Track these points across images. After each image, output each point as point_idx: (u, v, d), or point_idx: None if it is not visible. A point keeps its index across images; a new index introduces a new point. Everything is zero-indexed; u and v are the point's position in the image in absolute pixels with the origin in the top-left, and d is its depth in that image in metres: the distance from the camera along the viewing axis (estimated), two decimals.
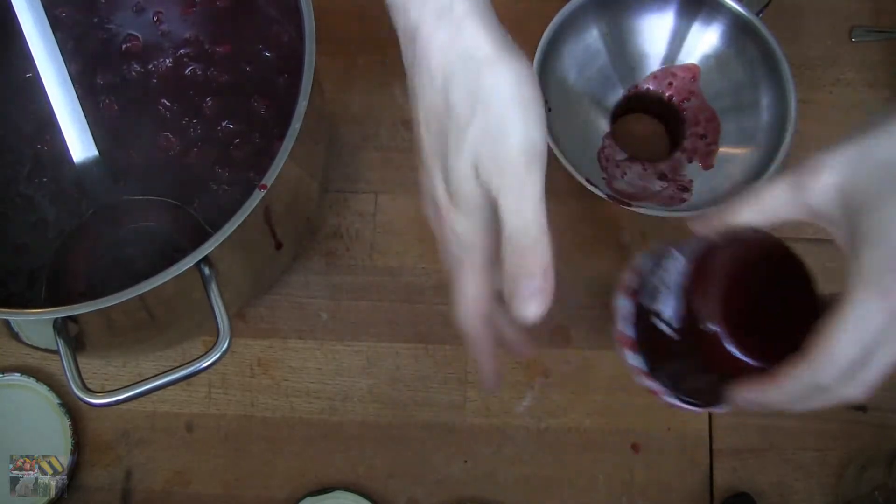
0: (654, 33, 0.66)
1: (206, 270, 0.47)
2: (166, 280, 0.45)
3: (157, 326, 0.55)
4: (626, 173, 0.64)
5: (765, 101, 0.64)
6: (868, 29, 0.70)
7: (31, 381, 0.61)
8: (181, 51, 0.61)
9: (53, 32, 0.54)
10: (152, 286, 0.45)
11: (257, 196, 0.47)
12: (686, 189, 0.63)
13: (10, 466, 0.60)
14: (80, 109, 0.55)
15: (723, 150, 0.64)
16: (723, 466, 0.62)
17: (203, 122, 0.60)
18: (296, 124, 0.49)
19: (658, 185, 0.64)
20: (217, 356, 0.46)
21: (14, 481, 0.60)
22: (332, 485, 0.61)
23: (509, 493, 0.61)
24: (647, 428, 0.62)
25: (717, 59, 0.66)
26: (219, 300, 0.47)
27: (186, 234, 0.58)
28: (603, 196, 0.60)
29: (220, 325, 0.47)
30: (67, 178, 0.59)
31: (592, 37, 0.66)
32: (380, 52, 0.70)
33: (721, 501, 0.61)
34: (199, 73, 0.61)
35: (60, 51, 0.54)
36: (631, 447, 0.62)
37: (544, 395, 0.63)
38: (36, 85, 0.55)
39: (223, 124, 0.60)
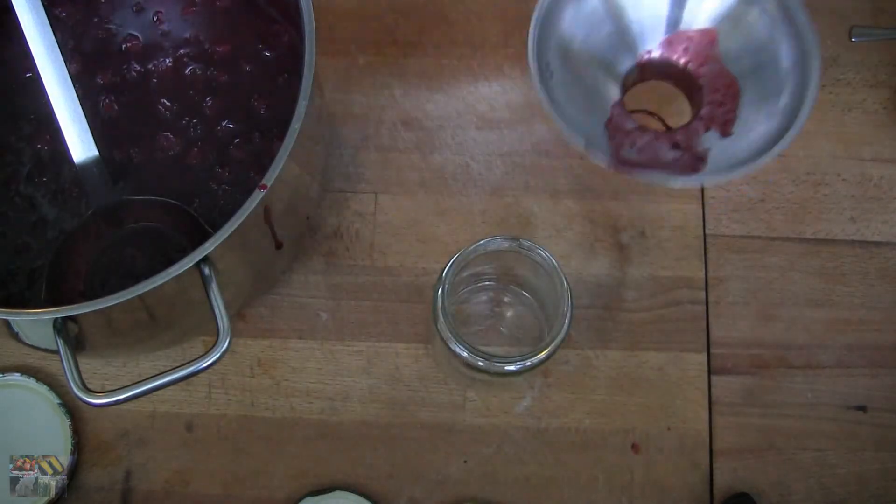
0: None
1: (206, 270, 0.47)
2: (166, 280, 0.45)
3: (157, 326, 0.55)
4: (635, 142, 0.60)
5: (785, 61, 0.59)
6: (868, 29, 0.70)
7: (31, 381, 0.61)
8: (181, 51, 0.61)
9: (53, 32, 0.54)
10: (152, 286, 0.45)
11: (257, 196, 0.47)
12: (701, 159, 0.60)
13: (10, 466, 0.60)
14: (80, 109, 0.55)
15: (742, 116, 0.61)
16: (723, 466, 0.62)
17: (203, 122, 0.60)
18: (296, 124, 0.49)
19: (670, 155, 0.60)
20: (217, 356, 0.46)
21: (14, 481, 0.59)
22: (332, 485, 0.61)
23: (509, 493, 0.61)
24: (647, 428, 0.62)
25: (731, 19, 0.61)
26: (219, 300, 0.47)
27: (186, 234, 0.58)
28: (602, 164, 0.57)
29: (220, 325, 0.47)
30: (67, 178, 0.59)
31: (596, 1, 0.62)
32: (380, 52, 0.70)
33: (721, 501, 0.61)
34: (199, 73, 0.61)
35: (60, 51, 0.54)
36: (631, 447, 0.62)
37: (544, 395, 0.63)
38: (36, 85, 0.55)
39: (223, 124, 0.60)
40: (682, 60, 0.62)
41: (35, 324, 0.48)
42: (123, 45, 0.62)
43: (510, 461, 0.62)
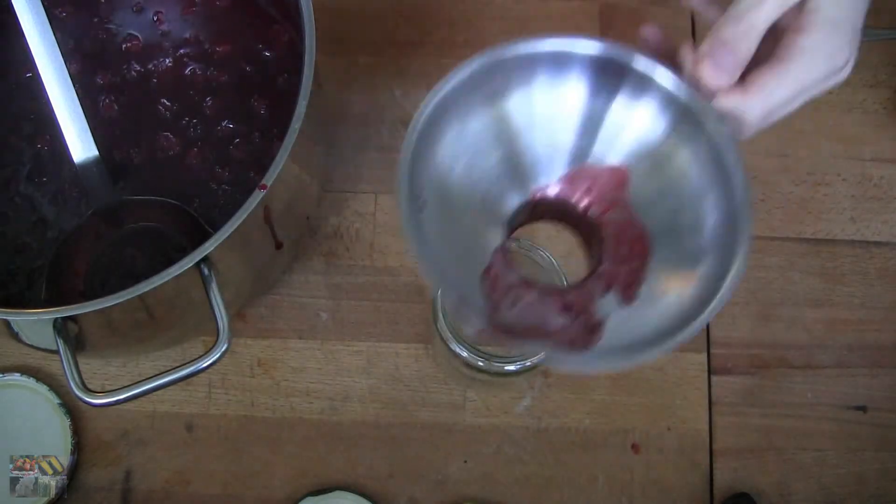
0: (560, 119, 0.49)
1: (206, 270, 0.47)
2: (166, 280, 0.45)
3: (157, 326, 0.55)
4: (517, 301, 0.48)
5: (710, 219, 0.47)
6: (868, 29, 0.70)
7: (31, 381, 0.61)
8: (181, 51, 0.61)
9: (53, 32, 0.54)
10: (152, 286, 0.45)
11: (257, 196, 0.47)
12: (595, 330, 0.47)
13: (10, 466, 0.60)
14: (81, 109, 0.55)
15: (650, 280, 0.48)
16: (723, 466, 0.62)
17: (203, 122, 0.61)
18: (296, 124, 0.49)
19: (559, 321, 0.48)
20: (217, 356, 0.46)
21: (14, 481, 0.59)
22: (332, 485, 0.61)
23: (509, 493, 0.61)
24: (647, 428, 0.62)
25: (652, 159, 0.49)
26: (219, 300, 0.47)
27: (186, 234, 0.58)
28: (473, 330, 0.47)
29: (220, 326, 0.47)
30: (67, 178, 0.59)
31: (482, 122, 0.49)
32: (380, 52, 0.70)
33: (721, 501, 0.61)
34: (199, 73, 0.61)
35: (60, 51, 0.54)
36: (631, 447, 0.62)
37: (544, 395, 0.63)
38: (36, 85, 0.55)
39: (223, 124, 0.60)
40: (584, 203, 0.50)
41: (35, 324, 0.48)
42: (123, 45, 0.62)
43: (510, 461, 0.62)
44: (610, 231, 0.50)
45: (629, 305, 0.48)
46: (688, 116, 0.47)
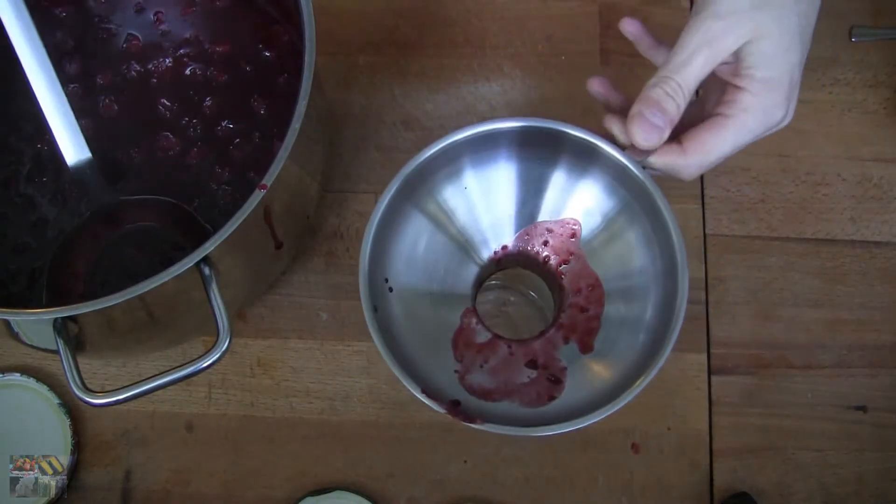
0: (501, 190, 0.55)
1: (206, 270, 0.47)
2: (166, 280, 0.45)
3: (157, 326, 0.55)
4: (487, 359, 0.52)
5: (652, 295, 0.52)
6: (868, 29, 0.70)
7: (31, 381, 0.61)
8: (181, 51, 0.61)
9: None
10: (152, 286, 0.45)
11: (257, 196, 0.47)
12: (558, 381, 0.52)
13: (10, 466, 0.60)
14: (71, 112, 0.55)
15: (604, 332, 0.53)
16: (723, 466, 0.62)
17: (203, 122, 0.61)
18: (296, 124, 0.49)
19: (525, 376, 0.52)
20: (217, 356, 0.46)
21: (14, 481, 0.60)
22: (332, 485, 0.61)
23: (509, 493, 0.61)
24: (647, 428, 0.62)
25: (599, 216, 0.54)
26: (219, 300, 0.47)
27: (186, 233, 0.58)
28: (439, 410, 0.48)
29: (220, 325, 0.47)
30: (67, 178, 0.59)
31: (432, 210, 0.54)
32: (380, 53, 0.70)
33: (721, 501, 0.61)
34: (199, 72, 0.61)
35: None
36: (631, 447, 0.62)
37: None
38: None
39: (223, 124, 0.60)
40: (543, 254, 0.55)
41: (35, 324, 0.48)
42: (123, 45, 0.62)
43: (510, 461, 0.62)
44: (568, 279, 0.54)
45: (586, 354, 0.52)
46: (639, 197, 0.52)
